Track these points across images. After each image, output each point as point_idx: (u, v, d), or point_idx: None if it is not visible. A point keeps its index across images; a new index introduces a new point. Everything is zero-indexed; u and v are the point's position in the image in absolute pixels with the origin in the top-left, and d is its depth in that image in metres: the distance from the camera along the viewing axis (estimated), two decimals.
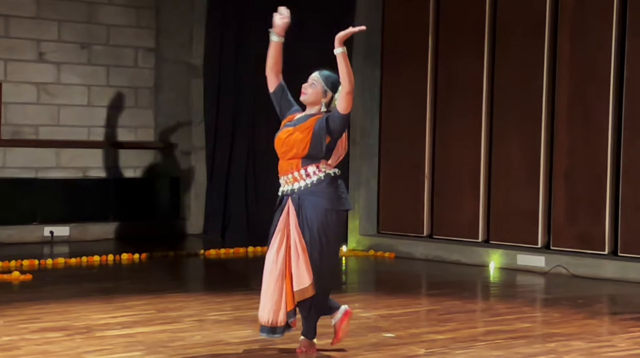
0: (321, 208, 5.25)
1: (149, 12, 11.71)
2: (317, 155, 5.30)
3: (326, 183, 5.29)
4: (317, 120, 5.31)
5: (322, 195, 5.26)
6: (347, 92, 5.20)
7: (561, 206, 9.24)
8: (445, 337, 6.04)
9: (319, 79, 5.37)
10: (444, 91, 10.09)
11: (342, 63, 5.21)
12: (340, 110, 5.25)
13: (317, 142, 5.27)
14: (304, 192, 5.27)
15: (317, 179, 5.29)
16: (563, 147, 9.26)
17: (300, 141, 5.26)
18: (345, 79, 5.20)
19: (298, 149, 5.27)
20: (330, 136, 5.30)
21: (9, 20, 10.78)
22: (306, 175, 5.29)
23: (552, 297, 7.91)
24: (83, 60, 11.26)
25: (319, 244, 5.25)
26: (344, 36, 5.26)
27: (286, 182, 5.34)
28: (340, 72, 5.23)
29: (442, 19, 10.09)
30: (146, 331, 6.03)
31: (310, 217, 5.25)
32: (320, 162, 5.32)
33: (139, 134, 11.71)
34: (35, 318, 6.35)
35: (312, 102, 5.38)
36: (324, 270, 5.30)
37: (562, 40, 9.26)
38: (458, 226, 9.90)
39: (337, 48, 5.24)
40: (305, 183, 5.29)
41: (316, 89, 5.35)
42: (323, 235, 5.26)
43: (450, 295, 7.66)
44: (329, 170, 5.34)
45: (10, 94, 10.74)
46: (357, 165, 10.50)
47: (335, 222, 5.30)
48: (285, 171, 5.34)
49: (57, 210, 10.76)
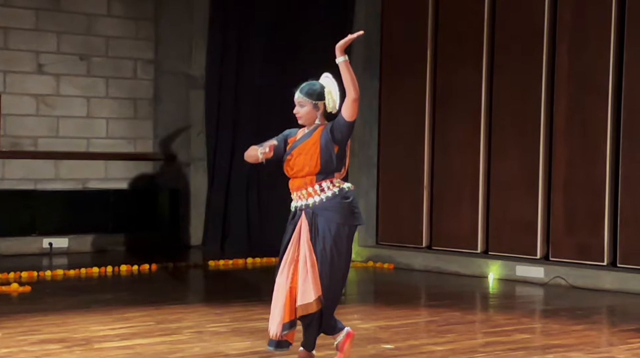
0: (334, 222, 5.25)
1: (147, 24, 11.73)
2: (330, 168, 5.30)
3: (340, 198, 5.30)
4: (322, 132, 5.30)
5: (336, 210, 5.26)
6: (353, 99, 5.19)
7: (560, 217, 9.25)
8: (444, 348, 6.03)
9: (302, 97, 5.34)
10: (442, 102, 10.10)
11: (346, 71, 5.19)
12: (347, 117, 5.24)
13: (327, 154, 5.28)
14: (319, 207, 5.27)
15: (332, 193, 5.29)
16: (562, 158, 9.27)
17: (310, 159, 5.27)
18: (350, 87, 5.19)
19: (310, 167, 5.28)
20: (338, 145, 5.29)
21: (8, 32, 10.80)
22: (320, 190, 5.30)
23: (551, 308, 7.90)
24: (82, 71, 11.28)
25: (329, 259, 5.25)
26: (344, 44, 5.25)
27: (299, 198, 5.34)
28: (345, 80, 5.21)
29: (440, 30, 10.12)
30: (145, 343, 6.03)
31: (323, 231, 5.25)
32: (334, 177, 5.33)
33: (138, 145, 11.72)
34: (34, 330, 6.34)
35: (310, 121, 5.37)
36: (333, 284, 5.30)
37: (560, 50, 9.28)
38: (457, 237, 9.90)
39: (338, 57, 5.23)
40: (320, 198, 5.29)
41: (307, 109, 5.34)
42: (335, 249, 5.26)
43: (449, 306, 7.66)
44: (342, 185, 5.35)
45: (9, 105, 10.75)
46: (356, 175, 10.50)
47: (347, 237, 5.31)
48: (299, 187, 5.34)
49: (56, 222, 10.76)
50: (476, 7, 9.80)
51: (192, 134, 11.89)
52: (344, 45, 5.24)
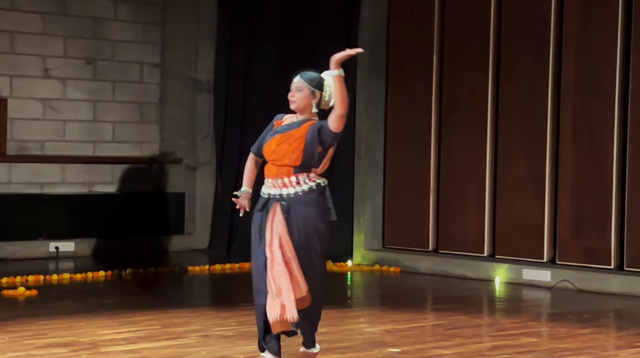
0: (311, 218, 5.20)
1: (154, 28, 11.75)
2: (310, 165, 5.25)
3: (317, 193, 5.24)
4: (310, 129, 5.24)
5: (312, 205, 5.21)
6: (339, 114, 5.14)
7: (567, 220, 9.23)
8: (451, 352, 6.03)
9: (303, 82, 5.31)
10: (449, 105, 10.09)
11: (337, 85, 5.15)
12: (332, 129, 5.19)
13: (310, 151, 5.22)
14: (294, 200, 5.21)
15: (309, 187, 5.23)
16: (568, 161, 9.25)
17: (292, 151, 5.22)
18: (338, 102, 5.15)
19: (290, 159, 5.22)
20: (322, 147, 5.25)
21: (14, 36, 10.82)
22: (297, 182, 5.24)
23: (558, 312, 7.89)
24: (88, 75, 11.30)
25: (307, 254, 5.19)
26: (341, 58, 5.17)
27: (274, 186, 5.27)
28: (336, 93, 5.17)
29: (446, 33, 10.11)
30: (151, 346, 6.03)
31: (300, 227, 5.19)
32: (311, 171, 5.28)
33: (145, 149, 11.73)
34: (40, 334, 6.35)
35: (304, 108, 5.32)
36: (315, 280, 5.23)
37: (567, 54, 9.27)
38: (463, 241, 9.89)
39: (333, 70, 5.18)
40: (295, 190, 5.23)
41: (304, 93, 5.30)
42: (312, 245, 5.20)
43: (456, 310, 7.65)
44: (318, 180, 5.29)
45: (15, 109, 10.77)
46: (362, 179, 10.50)
47: (324, 233, 5.25)
48: (275, 175, 5.27)
49: (62, 226, 10.77)
50: (483, 11, 9.79)
51: (198, 137, 11.90)
52: (340, 59, 5.17)
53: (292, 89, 5.35)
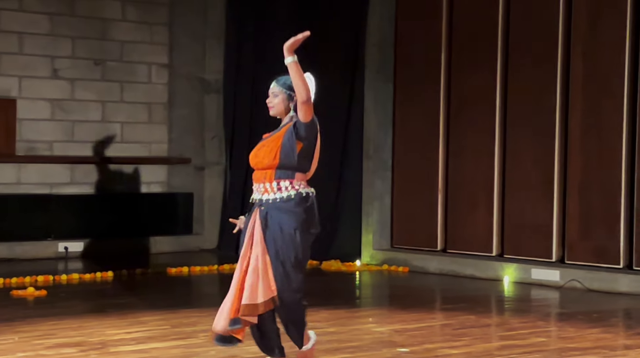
0: (287, 226, 5.13)
1: (162, 29, 11.77)
2: (290, 164, 5.18)
3: (295, 203, 5.16)
4: (288, 128, 5.25)
5: (289, 214, 5.14)
6: (302, 101, 5.11)
7: (575, 220, 9.22)
8: (459, 352, 6.02)
9: (278, 87, 5.32)
10: (457, 105, 10.09)
11: (295, 72, 5.11)
12: (301, 118, 5.16)
13: (288, 150, 5.18)
14: (272, 207, 5.17)
15: (287, 195, 5.17)
16: (577, 161, 9.24)
17: (270, 151, 5.20)
18: (299, 89, 5.10)
19: (269, 159, 5.19)
20: (302, 142, 5.19)
21: (23, 37, 10.85)
22: (277, 188, 5.19)
23: (567, 312, 7.88)
24: (97, 76, 11.32)
25: (281, 262, 5.12)
26: (293, 44, 5.12)
27: (257, 191, 5.27)
28: (294, 81, 5.13)
29: (455, 33, 10.10)
30: (160, 347, 6.04)
31: (276, 234, 5.14)
32: (295, 178, 5.21)
33: (153, 149, 11.75)
34: (50, 334, 6.36)
35: (282, 112, 5.31)
36: (288, 290, 5.14)
37: (575, 54, 9.25)
38: (472, 240, 9.88)
39: (287, 57, 5.12)
40: (274, 196, 5.18)
41: (280, 98, 5.31)
42: (287, 253, 5.13)
43: (464, 310, 7.64)
44: (302, 189, 5.21)
45: (24, 110, 10.80)
46: (371, 179, 10.49)
47: (301, 243, 5.16)
48: (259, 179, 5.26)
49: (71, 226, 10.79)
50: (491, 10, 9.78)
51: (207, 137, 11.91)
52: (292, 45, 5.12)
53: (269, 95, 5.38)
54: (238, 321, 5.16)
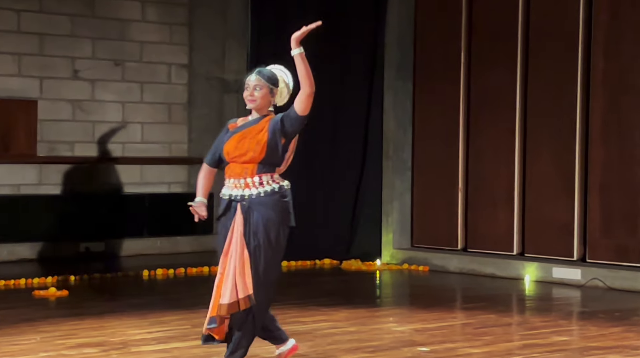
0: (271, 220, 5.09)
1: (182, 29, 11.79)
2: (274, 159, 5.13)
3: (279, 196, 5.13)
4: (271, 121, 5.12)
5: (273, 208, 5.09)
6: (307, 94, 5.03)
7: (597, 218, 9.17)
8: (481, 351, 6.01)
9: (261, 80, 5.18)
10: (477, 103, 10.06)
11: (301, 64, 5.04)
12: (299, 111, 5.07)
13: (274, 144, 5.10)
14: (255, 201, 5.10)
15: (271, 189, 5.12)
16: (598, 159, 9.19)
17: (256, 144, 5.08)
18: (305, 81, 5.03)
19: (255, 153, 5.10)
20: (285, 137, 5.12)
21: (44, 38, 10.90)
22: (259, 183, 5.12)
23: (589, 310, 7.84)
24: (117, 77, 11.36)
25: (263, 258, 5.09)
26: (300, 36, 5.07)
27: (235, 186, 5.17)
28: (300, 73, 5.05)
29: (474, 31, 10.07)
30: (182, 346, 6.05)
31: (257, 227, 5.08)
32: (275, 171, 5.17)
33: (173, 149, 11.78)
34: (71, 334, 6.39)
35: (262, 107, 5.20)
36: (265, 283, 5.12)
37: (595, 51, 9.21)
38: (492, 239, 9.85)
39: (294, 49, 5.06)
40: (257, 191, 5.11)
41: (263, 92, 5.18)
42: (269, 248, 5.09)
43: (485, 309, 7.62)
44: (282, 183, 5.18)
45: (45, 111, 10.85)
46: (391, 178, 10.48)
47: (282, 237, 5.14)
48: (238, 174, 5.15)
49: (92, 226, 10.83)
50: (510, 8, 9.75)
51: None
52: (300, 36, 5.07)
53: (248, 87, 5.21)
54: (214, 320, 5.15)
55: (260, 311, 5.17)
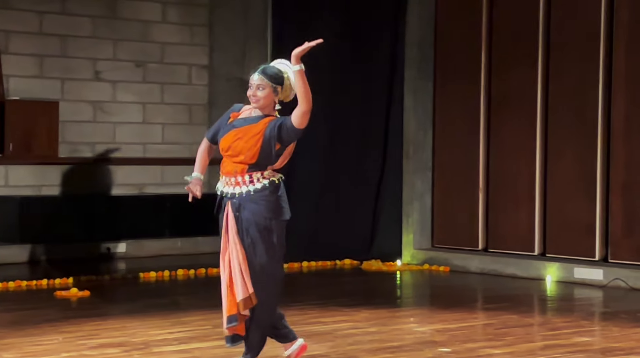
0: (261, 216, 5.07)
1: (202, 30, 11.83)
2: (266, 163, 5.12)
3: (269, 191, 5.10)
4: (269, 124, 5.09)
5: (262, 203, 5.07)
6: (304, 111, 5.01)
7: (619, 218, 9.12)
8: (502, 352, 5.99)
9: (263, 79, 5.13)
10: (497, 103, 10.02)
11: (300, 81, 5.00)
12: (296, 125, 5.05)
13: (267, 149, 5.08)
14: (245, 199, 5.10)
15: (262, 186, 5.10)
16: (620, 159, 9.14)
17: (249, 148, 5.07)
18: (302, 98, 5.00)
19: (247, 157, 5.09)
20: (281, 144, 5.11)
21: (65, 40, 10.95)
22: (250, 181, 5.11)
23: (611, 311, 7.80)
24: (138, 78, 11.40)
25: (258, 254, 5.10)
26: (300, 52, 5.03)
27: (227, 184, 5.17)
28: (298, 90, 5.02)
29: (495, 31, 10.04)
30: (203, 347, 6.07)
31: (249, 224, 5.09)
32: (266, 169, 5.14)
33: (194, 150, 11.78)
34: (93, 335, 6.42)
35: (266, 106, 5.17)
36: (265, 281, 5.13)
37: (617, 50, 9.16)
38: (514, 239, 9.82)
39: (294, 65, 5.02)
40: (247, 189, 5.11)
41: (266, 92, 5.14)
42: (262, 244, 5.09)
43: (506, 309, 7.60)
44: (273, 177, 5.15)
45: (67, 112, 10.90)
46: (411, 178, 10.46)
47: (277, 232, 5.12)
48: (229, 172, 5.15)
49: (113, 227, 10.87)
50: (531, 7, 9.71)
51: None
52: (300, 53, 5.02)
53: (251, 86, 5.18)
54: (234, 318, 5.16)
55: (264, 309, 5.17)
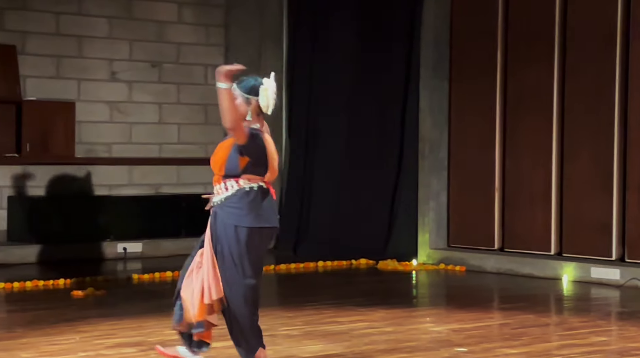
0: (228, 223, 5.16)
1: (218, 30, 11.85)
2: (235, 174, 5.16)
3: (237, 198, 5.15)
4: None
5: (230, 211, 5.15)
6: (227, 128, 5.03)
7: (636, 218, 9.09)
8: (518, 352, 5.98)
9: (237, 91, 5.16)
10: (513, 102, 10.00)
11: (221, 99, 4.98)
12: (236, 142, 5.10)
13: (234, 162, 5.14)
14: (218, 206, 5.22)
15: (232, 193, 5.17)
16: (636, 158, 9.10)
17: (217, 160, 5.21)
18: (223, 116, 4.99)
19: (215, 168, 5.22)
20: (247, 157, 5.12)
21: (82, 40, 11.00)
22: (225, 188, 5.21)
23: (628, 311, 7.77)
24: (154, 78, 11.44)
25: (226, 260, 5.14)
26: (226, 72, 5.02)
27: (214, 193, 5.32)
28: (220, 108, 5.01)
29: (510, 29, 10.02)
30: (219, 346, 6.07)
31: (220, 232, 5.18)
32: (241, 177, 5.17)
33: (209, 150, 11.82)
34: (110, 334, 6.44)
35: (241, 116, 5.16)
36: (233, 283, 5.15)
37: (634, 48, 9.12)
38: (530, 239, 9.79)
39: (218, 82, 5.01)
40: (220, 198, 5.22)
41: (238, 101, 5.14)
42: (229, 252, 5.14)
43: (522, 309, 7.58)
44: (246, 184, 5.17)
45: (83, 113, 10.94)
46: (427, 178, 10.45)
47: (246, 239, 5.13)
48: (214, 182, 5.30)
49: (130, 227, 10.90)
50: (547, 5, 9.69)
51: None
52: (225, 73, 5.02)
53: None
54: (201, 325, 5.24)
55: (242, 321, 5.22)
